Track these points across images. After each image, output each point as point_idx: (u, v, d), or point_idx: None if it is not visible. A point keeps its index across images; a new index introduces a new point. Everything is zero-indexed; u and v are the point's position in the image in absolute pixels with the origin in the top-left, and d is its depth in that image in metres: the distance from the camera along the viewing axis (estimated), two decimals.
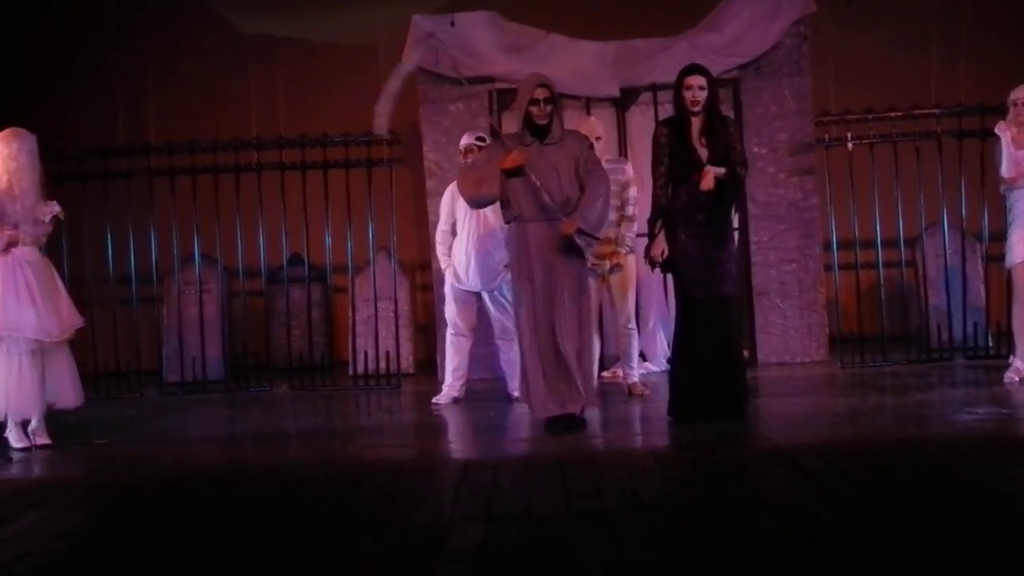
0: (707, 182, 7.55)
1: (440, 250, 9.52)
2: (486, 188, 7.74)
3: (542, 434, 7.67)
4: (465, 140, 9.38)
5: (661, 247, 7.71)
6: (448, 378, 9.54)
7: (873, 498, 5.45)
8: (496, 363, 9.65)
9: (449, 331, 9.54)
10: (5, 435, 7.89)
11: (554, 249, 7.70)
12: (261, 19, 13.21)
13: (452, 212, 9.37)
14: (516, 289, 7.84)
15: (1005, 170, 8.82)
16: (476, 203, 8.12)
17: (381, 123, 9.31)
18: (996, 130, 8.94)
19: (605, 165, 8.99)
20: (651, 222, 7.81)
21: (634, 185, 9.21)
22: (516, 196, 7.72)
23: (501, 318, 9.28)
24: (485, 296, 9.32)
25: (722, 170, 7.59)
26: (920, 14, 12.53)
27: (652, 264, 7.86)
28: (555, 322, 7.69)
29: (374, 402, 10.16)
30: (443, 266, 9.48)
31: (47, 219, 7.95)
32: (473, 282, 9.26)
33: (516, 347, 9.07)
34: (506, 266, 9.10)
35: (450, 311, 9.49)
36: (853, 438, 7.25)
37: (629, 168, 9.31)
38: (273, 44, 13.06)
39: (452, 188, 9.41)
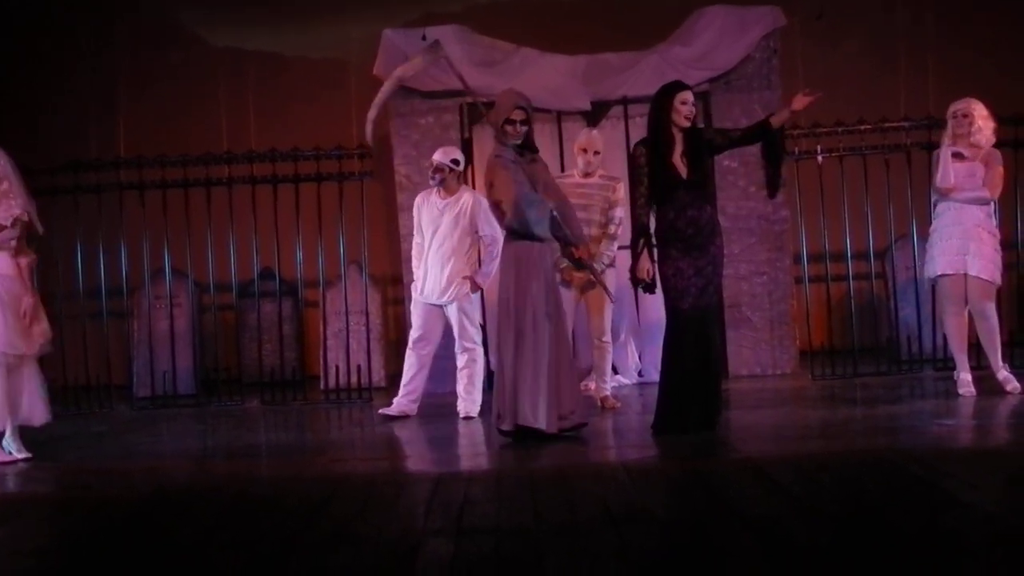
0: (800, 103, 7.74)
1: (414, 263, 9.52)
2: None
3: (513, 447, 7.67)
4: (439, 157, 9.34)
5: (647, 266, 7.76)
6: (400, 391, 9.50)
7: (844, 509, 5.46)
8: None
9: (409, 343, 9.51)
10: None
11: (552, 268, 8.00)
12: (231, 33, 13.20)
13: (420, 223, 9.39)
14: (522, 306, 7.81)
15: (940, 179, 8.91)
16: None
17: (369, 132, 9.13)
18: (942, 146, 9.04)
19: (599, 180, 9.12)
20: (633, 242, 7.86)
21: (623, 206, 9.26)
22: (530, 217, 7.82)
23: (460, 334, 9.27)
24: (448, 310, 9.31)
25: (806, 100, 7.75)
26: (888, 28, 12.63)
27: (637, 284, 7.91)
28: (558, 341, 7.80)
29: (345, 416, 10.13)
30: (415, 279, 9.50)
31: (8, 223, 7.97)
32: (431, 294, 9.26)
33: (473, 360, 9.14)
34: (464, 278, 9.13)
35: (415, 323, 9.48)
36: (824, 450, 7.26)
37: (621, 188, 9.29)
38: (243, 58, 13.05)
39: (418, 199, 9.45)
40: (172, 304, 11.33)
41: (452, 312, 9.25)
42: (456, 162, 9.32)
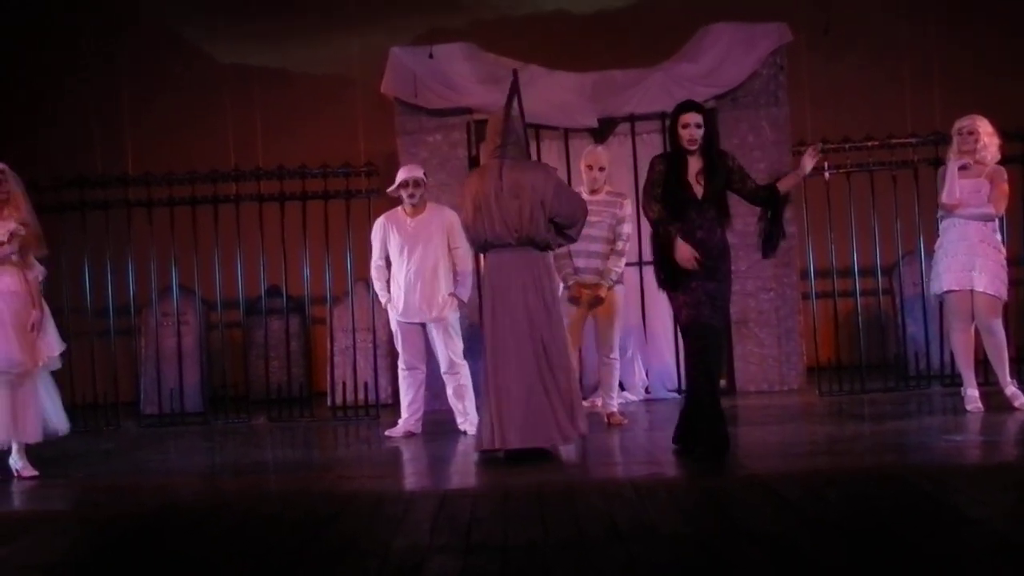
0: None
1: (378, 285, 9.46)
2: None
3: (520, 464, 7.65)
4: (409, 174, 9.28)
5: (689, 250, 7.45)
6: (403, 413, 9.47)
7: (853, 525, 5.45)
8: None
9: (400, 365, 9.49)
10: None
11: (550, 277, 8.17)
12: (237, 50, 13.23)
13: (384, 245, 9.36)
14: (500, 320, 7.86)
15: (946, 196, 8.92)
16: None
17: None
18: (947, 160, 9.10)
19: (606, 197, 9.12)
20: (661, 233, 7.55)
21: (630, 222, 9.25)
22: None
23: (446, 351, 9.24)
24: (430, 328, 9.29)
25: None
26: (894, 44, 12.63)
27: (670, 280, 7.68)
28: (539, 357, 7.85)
29: (352, 433, 10.12)
30: (383, 300, 9.42)
31: (5, 238, 8.00)
32: (419, 313, 9.23)
33: (466, 376, 9.12)
34: (450, 294, 9.12)
35: (398, 346, 9.45)
36: (832, 466, 7.25)
37: (627, 204, 9.29)
38: (249, 74, 13.07)
39: (382, 220, 9.40)
40: (179, 321, 11.32)
41: (437, 329, 9.23)
42: (425, 175, 9.36)
